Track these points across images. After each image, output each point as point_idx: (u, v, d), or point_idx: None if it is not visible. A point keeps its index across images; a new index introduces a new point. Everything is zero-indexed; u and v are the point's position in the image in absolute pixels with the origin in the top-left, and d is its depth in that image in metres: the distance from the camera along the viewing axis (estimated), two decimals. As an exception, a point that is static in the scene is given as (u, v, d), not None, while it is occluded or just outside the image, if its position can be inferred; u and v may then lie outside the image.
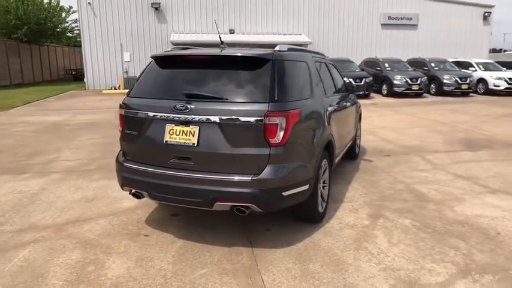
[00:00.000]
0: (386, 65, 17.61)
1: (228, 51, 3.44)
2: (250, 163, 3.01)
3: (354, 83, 16.10)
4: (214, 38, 21.34)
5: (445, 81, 16.80)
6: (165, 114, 3.15)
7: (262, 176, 2.96)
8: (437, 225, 3.76)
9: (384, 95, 16.96)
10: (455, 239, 3.46)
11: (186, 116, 3.07)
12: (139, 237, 3.54)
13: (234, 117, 2.95)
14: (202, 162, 3.08)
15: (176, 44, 20.87)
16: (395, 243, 3.39)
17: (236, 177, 2.99)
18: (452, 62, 18.69)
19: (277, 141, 2.95)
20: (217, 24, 19.09)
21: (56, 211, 4.15)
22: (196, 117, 3.03)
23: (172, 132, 3.14)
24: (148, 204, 4.27)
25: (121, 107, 3.50)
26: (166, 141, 3.15)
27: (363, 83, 16.09)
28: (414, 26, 23.22)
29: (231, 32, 22.32)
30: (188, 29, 21.57)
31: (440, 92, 16.89)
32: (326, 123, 3.87)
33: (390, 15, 22.68)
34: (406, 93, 16.24)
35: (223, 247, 3.32)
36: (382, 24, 22.71)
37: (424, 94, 16.98)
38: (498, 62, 19.20)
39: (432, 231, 3.62)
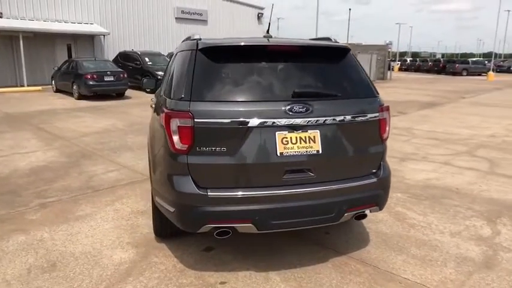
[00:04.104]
0: (147, 59, 16.60)
1: (313, 42, 3.08)
2: (370, 163, 2.89)
3: None
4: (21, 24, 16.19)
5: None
6: (275, 120, 2.52)
7: (382, 174, 2.90)
8: (420, 192, 4.61)
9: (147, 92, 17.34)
10: (447, 199, 4.39)
11: (309, 119, 2.58)
12: (219, 288, 2.75)
13: (354, 115, 2.72)
14: (325, 171, 2.70)
15: None
16: (423, 213, 3.99)
17: (364, 181, 2.80)
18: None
19: (386, 137, 2.95)
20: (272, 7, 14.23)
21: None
22: (320, 119, 2.60)
23: (287, 141, 2.56)
24: (153, 248, 3.29)
25: (183, 116, 2.48)
26: (281, 154, 2.56)
27: None
28: (205, 22, 24.77)
29: (-3, 15, 17.53)
30: None
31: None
32: None
33: (183, 9, 23.31)
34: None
35: (322, 264, 3.04)
36: (176, 18, 23.07)
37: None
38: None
39: (425, 198, 4.44)
